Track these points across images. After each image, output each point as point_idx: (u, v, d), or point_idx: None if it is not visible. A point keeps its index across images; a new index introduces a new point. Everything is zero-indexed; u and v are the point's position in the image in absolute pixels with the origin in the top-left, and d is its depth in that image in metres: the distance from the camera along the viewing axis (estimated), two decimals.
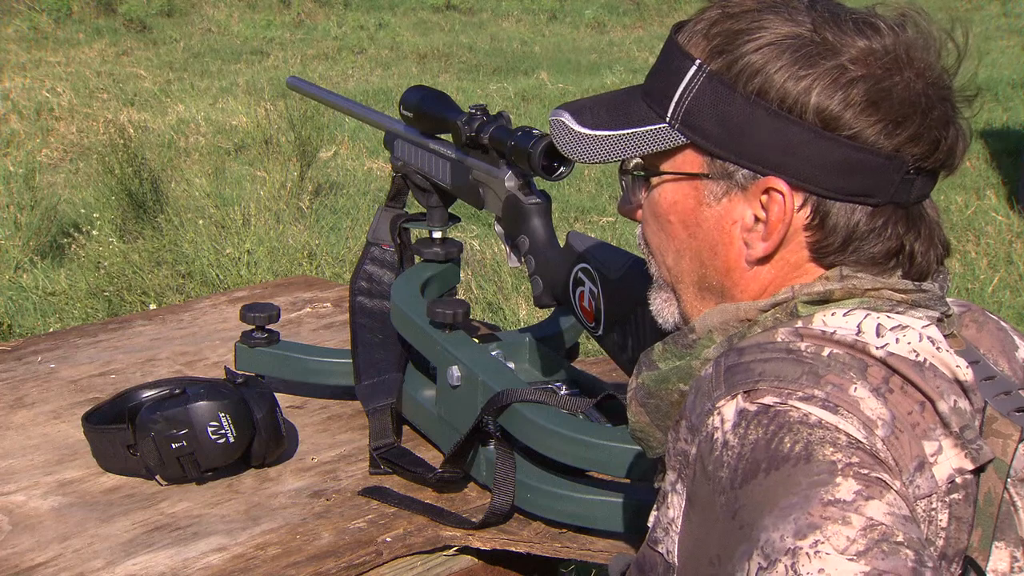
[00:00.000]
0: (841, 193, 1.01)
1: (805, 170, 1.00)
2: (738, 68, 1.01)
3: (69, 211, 5.84)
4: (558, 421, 1.52)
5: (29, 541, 1.54)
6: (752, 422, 0.92)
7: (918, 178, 1.01)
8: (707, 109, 1.03)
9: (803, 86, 0.99)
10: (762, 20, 1.01)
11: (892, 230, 1.02)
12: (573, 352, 1.93)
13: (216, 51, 10.55)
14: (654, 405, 1.09)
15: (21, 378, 2.05)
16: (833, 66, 0.99)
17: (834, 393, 0.94)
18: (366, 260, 1.98)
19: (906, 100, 0.99)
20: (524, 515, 1.58)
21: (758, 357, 0.97)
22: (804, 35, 1.00)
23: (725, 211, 1.05)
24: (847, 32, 1.00)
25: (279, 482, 1.70)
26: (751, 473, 0.90)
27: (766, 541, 0.86)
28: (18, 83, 8.98)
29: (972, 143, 4.51)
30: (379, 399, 1.80)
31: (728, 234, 1.05)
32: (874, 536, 0.85)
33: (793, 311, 1.02)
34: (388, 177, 2.18)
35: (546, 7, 12.86)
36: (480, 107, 1.74)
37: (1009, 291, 4.94)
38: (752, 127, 1.01)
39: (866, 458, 0.90)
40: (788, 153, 1.00)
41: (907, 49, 1.01)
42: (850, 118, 0.99)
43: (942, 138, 1.01)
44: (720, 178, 1.04)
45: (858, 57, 0.99)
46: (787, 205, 1.01)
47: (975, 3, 12.85)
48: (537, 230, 1.66)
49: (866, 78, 0.99)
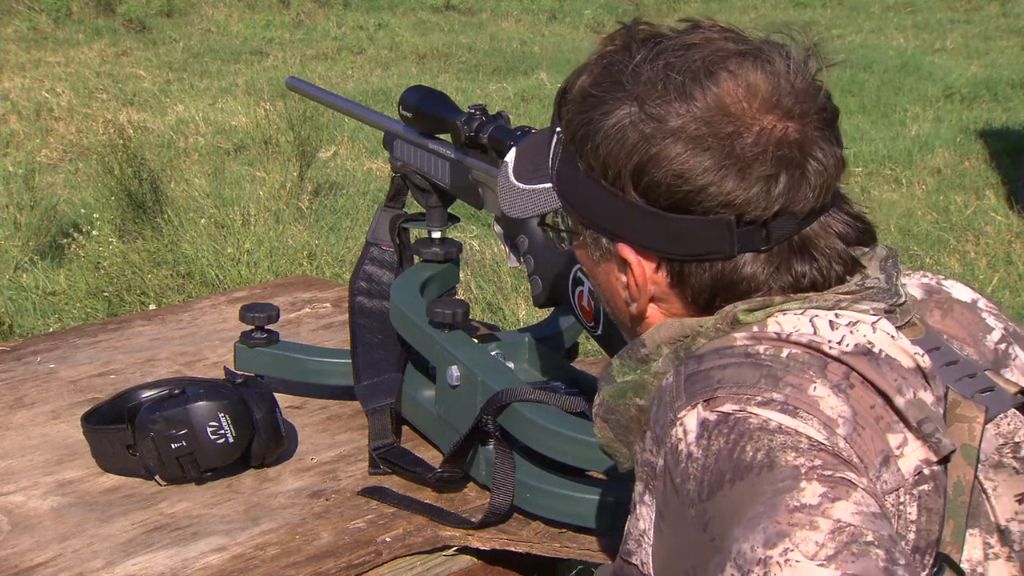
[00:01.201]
0: (687, 255, 1.02)
1: (645, 238, 1.02)
2: (578, 139, 1.04)
3: (69, 211, 5.83)
4: (558, 421, 1.52)
5: (28, 541, 1.54)
6: (714, 432, 0.92)
7: (765, 225, 1.00)
8: (565, 178, 1.07)
9: (622, 161, 1.00)
10: (608, 92, 1.02)
11: (766, 270, 1.01)
12: (573, 352, 1.93)
13: (215, 51, 10.55)
14: (615, 420, 1.10)
15: (20, 378, 2.05)
16: (651, 136, 0.99)
17: (793, 395, 0.94)
18: (365, 260, 1.98)
19: (727, 157, 0.98)
20: (524, 515, 1.58)
21: (717, 363, 0.98)
22: (633, 111, 1.00)
23: (607, 270, 1.09)
24: (669, 99, 0.99)
25: (278, 482, 1.70)
26: (717, 485, 0.90)
27: (738, 552, 0.86)
28: (17, 83, 8.98)
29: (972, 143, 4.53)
30: (378, 399, 1.80)
31: (615, 289, 1.09)
32: (843, 539, 0.85)
33: (734, 319, 1.02)
34: (387, 177, 2.18)
35: (545, 7, 12.86)
36: (479, 107, 1.74)
37: (1009, 291, 4.94)
38: (592, 199, 1.04)
39: (829, 459, 0.90)
40: (624, 224, 1.03)
41: (737, 99, 0.99)
42: (665, 189, 0.99)
43: (771, 186, 0.99)
44: (592, 241, 1.08)
45: (677, 128, 0.98)
46: (639, 272, 1.04)
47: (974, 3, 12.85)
48: (536, 230, 1.66)
49: (683, 143, 0.98)
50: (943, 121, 7.98)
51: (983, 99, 8.62)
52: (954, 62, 9.81)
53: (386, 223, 1.96)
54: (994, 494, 1.00)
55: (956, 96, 8.67)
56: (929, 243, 5.55)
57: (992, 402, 1.01)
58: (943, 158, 6.96)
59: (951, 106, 8.45)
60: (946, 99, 8.63)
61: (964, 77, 9.11)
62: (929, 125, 7.87)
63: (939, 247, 5.48)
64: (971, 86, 8.85)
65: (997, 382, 1.03)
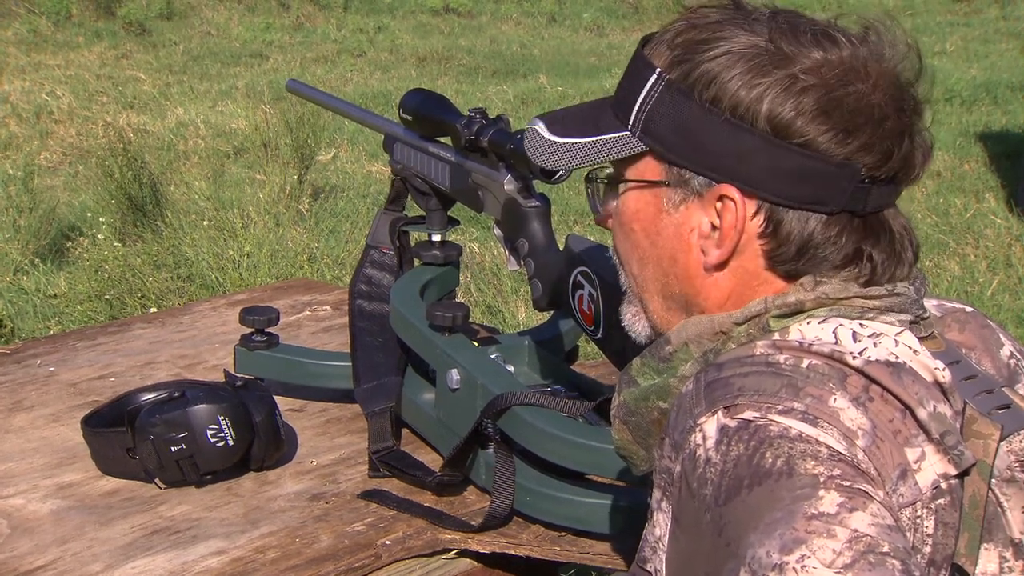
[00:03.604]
0: (794, 201, 1.01)
1: (757, 177, 1.01)
2: (694, 77, 1.02)
3: (68, 214, 5.84)
4: (557, 424, 1.52)
5: (28, 544, 1.54)
6: (733, 438, 0.92)
7: (873, 187, 1.02)
8: (665, 117, 1.05)
9: (755, 94, 1.00)
10: (722, 31, 1.03)
11: (848, 238, 1.02)
12: (572, 355, 1.93)
13: (215, 54, 10.55)
14: (635, 423, 1.09)
15: (20, 381, 2.05)
16: (785, 75, 1.00)
17: (814, 405, 0.94)
18: (365, 263, 1.98)
19: (858, 110, 1.00)
20: (523, 518, 1.58)
21: (737, 372, 0.98)
22: (760, 45, 1.01)
23: (683, 218, 1.06)
24: (803, 43, 1.01)
25: (278, 485, 1.70)
26: (734, 490, 0.90)
27: (752, 557, 0.86)
28: (17, 86, 8.99)
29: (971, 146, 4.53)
30: (378, 402, 1.80)
31: (686, 241, 1.06)
32: (860, 548, 0.85)
33: (765, 326, 1.02)
34: (387, 180, 2.18)
35: (545, 10, 12.87)
36: (479, 110, 1.74)
37: (1008, 294, 4.94)
38: (706, 135, 1.02)
39: (848, 470, 0.90)
40: (740, 161, 1.01)
41: (863, 61, 1.01)
42: (800, 126, 0.99)
43: (895, 148, 1.01)
44: (677, 185, 1.05)
45: (811, 67, 1.00)
46: (739, 213, 1.02)
47: (974, 6, 12.86)
48: (536, 233, 1.66)
49: (818, 87, 0.99)
50: (942, 124, 7.98)
51: (983, 102, 8.63)
52: (953, 65, 9.81)
53: (386, 226, 1.96)
54: (1008, 508, 1.00)
55: (956, 99, 8.68)
56: (929, 246, 5.55)
57: (1008, 420, 1.01)
58: (943, 161, 6.96)
59: (950, 109, 8.46)
60: (946, 102, 8.63)
61: (964, 80, 9.11)
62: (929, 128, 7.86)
63: (939, 250, 5.48)
64: (971, 89, 8.86)
65: (1014, 399, 1.04)
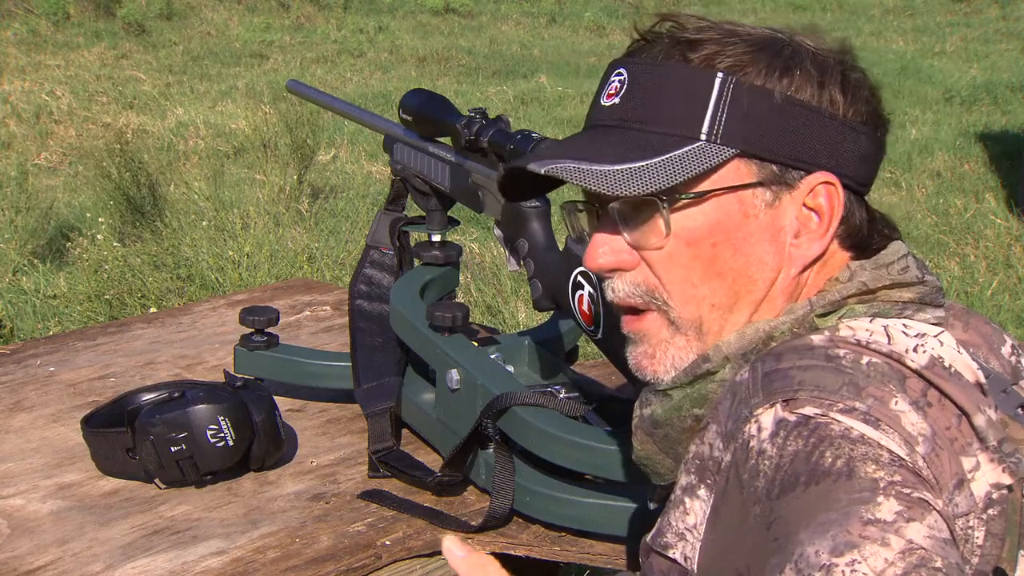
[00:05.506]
0: (863, 184, 1.06)
1: (845, 162, 1.04)
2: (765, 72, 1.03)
3: (68, 214, 5.84)
4: (557, 424, 1.52)
5: (28, 545, 1.54)
6: (792, 433, 0.91)
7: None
8: (746, 117, 1.02)
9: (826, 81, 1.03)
10: (736, 29, 1.06)
11: (870, 217, 1.08)
12: (572, 355, 1.93)
13: (215, 54, 10.56)
14: (663, 434, 1.07)
15: (20, 381, 2.05)
16: (835, 62, 1.05)
17: (875, 407, 0.92)
18: (365, 263, 1.98)
19: (872, 93, 1.07)
20: (523, 518, 1.58)
21: (796, 364, 0.96)
22: (783, 39, 1.05)
23: (772, 219, 1.04)
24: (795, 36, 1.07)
25: (278, 485, 1.70)
26: (789, 485, 0.88)
27: (800, 555, 0.84)
28: (17, 87, 8.99)
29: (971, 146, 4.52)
30: (378, 402, 1.80)
31: (779, 243, 1.04)
32: (912, 560, 0.83)
33: (811, 324, 1.02)
34: (387, 180, 2.18)
35: (545, 10, 12.87)
36: (479, 110, 1.74)
37: (1008, 294, 4.94)
38: (794, 126, 1.03)
39: (909, 476, 0.88)
40: (829, 147, 1.03)
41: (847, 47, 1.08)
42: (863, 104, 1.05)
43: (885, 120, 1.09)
44: (772, 183, 1.03)
45: (816, 52, 1.05)
46: (840, 197, 1.04)
47: (974, 6, 12.86)
48: (536, 233, 1.66)
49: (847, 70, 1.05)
50: (943, 124, 7.99)
51: (983, 102, 8.63)
52: (954, 65, 9.82)
53: (386, 226, 1.96)
54: None
55: (956, 99, 8.69)
56: (929, 246, 5.55)
57: None
58: (943, 161, 6.96)
59: (950, 109, 8.46)
60: (946, 102, 8.64)
61: (964, 80, 9.12)
62: (929, 128, 7.88)
63: (939, 250, 5.49)
64: (971, 89, 8.87)
65: None
